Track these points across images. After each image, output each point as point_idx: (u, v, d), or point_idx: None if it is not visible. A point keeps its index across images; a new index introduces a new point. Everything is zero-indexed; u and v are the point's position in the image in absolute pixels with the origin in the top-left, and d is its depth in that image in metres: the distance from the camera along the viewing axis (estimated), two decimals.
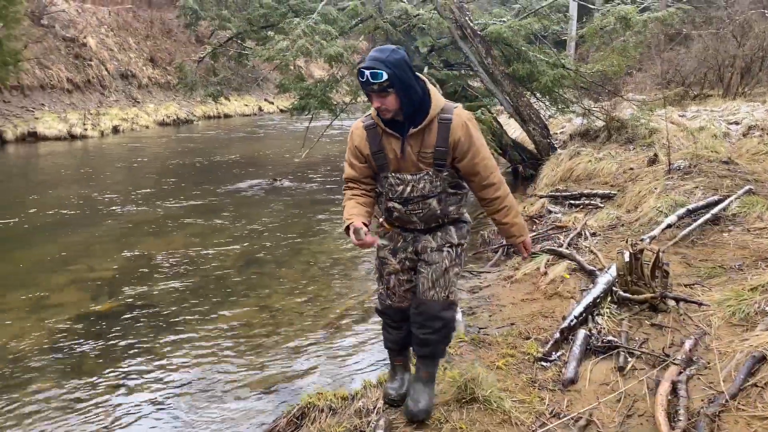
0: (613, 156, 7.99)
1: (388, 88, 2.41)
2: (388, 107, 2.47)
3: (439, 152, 2.55)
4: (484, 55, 9.07)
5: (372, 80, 2.39)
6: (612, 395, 2.98)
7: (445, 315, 2.75)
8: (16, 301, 5.00)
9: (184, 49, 24.14)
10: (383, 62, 2.40)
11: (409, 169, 2.60)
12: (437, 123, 2.53)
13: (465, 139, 2.53)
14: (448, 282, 2.72)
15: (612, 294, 3.94)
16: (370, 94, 2.46)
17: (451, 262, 2.72)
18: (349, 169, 2.73)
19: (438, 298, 2.72)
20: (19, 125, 15.03)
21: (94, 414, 3.44)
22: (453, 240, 2.72)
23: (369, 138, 2.62)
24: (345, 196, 2.74)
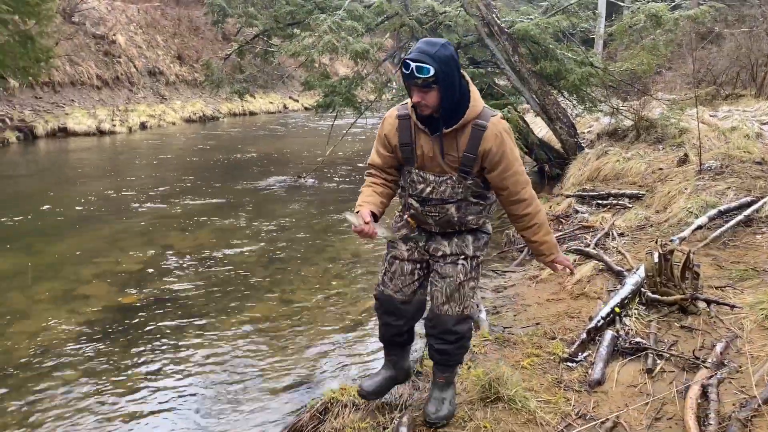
0: (641, 156, 7.86)
1: (433, 84, 2.31)
2: (428, 103, 2.37)
3: (467, 158, 2.45)
4: (510, 53, 8.99)
5: (417, 74, 2.29)
6: (640, 397, 2.93)
7: (459, 329, 2.70)
8: (45, 293, 5.09)
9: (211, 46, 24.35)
10: (431, 57, 2.30)
11: (434, 169, 2.52)
12: (471, 128, 2.43)
13: (496, 150, 2.42)
14: (462, 297, 2.65)
15: (640, 295, 3.87)
16: (411, 87, 2.37)
17: (466, 276, 2.65)
18: (374, 155, 2.67)
19: (452, 312, 2.66)
20: (49, 121, 15.30)
21: (120, 404, 3.49)
22: (468, 251, 2.64)
23: (400, 128, 2.55)
24: (365, 182, 2.68)
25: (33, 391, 3.60)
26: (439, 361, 2.79)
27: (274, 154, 13.67)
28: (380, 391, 2.90)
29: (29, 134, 14.45)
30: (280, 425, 3.22)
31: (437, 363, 2.81)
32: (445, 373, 2.81)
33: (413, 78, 2.31)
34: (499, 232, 6.85)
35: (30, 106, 15.61)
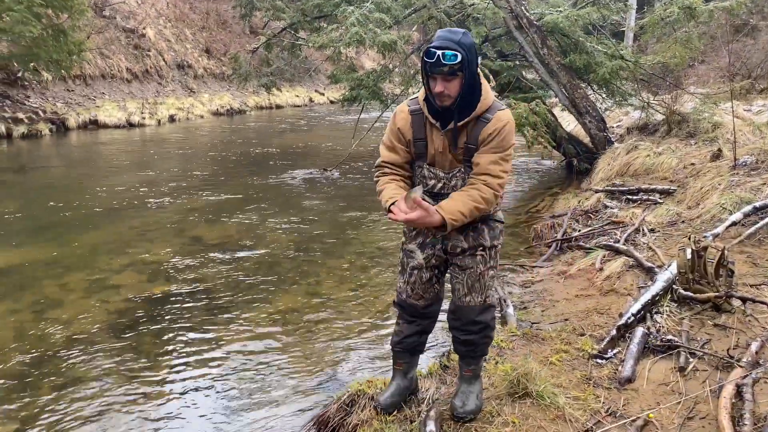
0: (673, 150, 7.72)
1: (458, 71, 2.31)
2: (451, 93, 2.36)
3: (468, 149, 2.47)
4: (539, 46, 8.88)
5: (444, 61, 2.27)
6: (672, 396, 2.88)
7: (483, 318, 2.71)
8: (77, 282, 5.19)
9: (239, 40, 24.53)
10: (457, 43, 2.30)
11: (444, 165, 2.53)
12: (476, 120, 2.44)
13: (493, 136, 2.42)
14: (483, 286, 2.67)
15: (672, 292, 3.80)
16: (435, 76, 2.33)
17: (485, 265, 2.65)
18: (387, 152, 2.63)
19: (474, 303, 2.68)
20: (81, 113, 15.57)
21: (148, 392, 3.54)
22: (486, 242, 2.63)
23: (414, 123, 2.53)
24: (381, 181, 2.63)
25: (64, 379, 3.67)
26: (464, 353, 2.80)
27: (299, 147, 13.73)
28: (397, 404, 2.87)
29: (61, 126, 14.72)
30: (307, 417, 3.24)
31: (463, 356, 2.81)
32: (471, 366, 2.81)
33: (439, 66, 2.29)
34: (526, 226, 6.81)
35: (62, 99, 15.91)
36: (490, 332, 2.78)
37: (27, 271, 5.43)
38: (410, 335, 2.85)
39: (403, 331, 2.86)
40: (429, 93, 2.43)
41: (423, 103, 2.50)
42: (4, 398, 3.45)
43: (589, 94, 9.54)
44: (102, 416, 3.31)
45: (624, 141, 8.97)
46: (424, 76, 2.40)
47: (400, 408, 2.87)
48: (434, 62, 2.30)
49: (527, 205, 8.06)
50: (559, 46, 9.37)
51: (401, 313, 2.86)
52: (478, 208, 2.44)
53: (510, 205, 8.20)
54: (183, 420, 3.29)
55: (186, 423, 3.27)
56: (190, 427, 3.24)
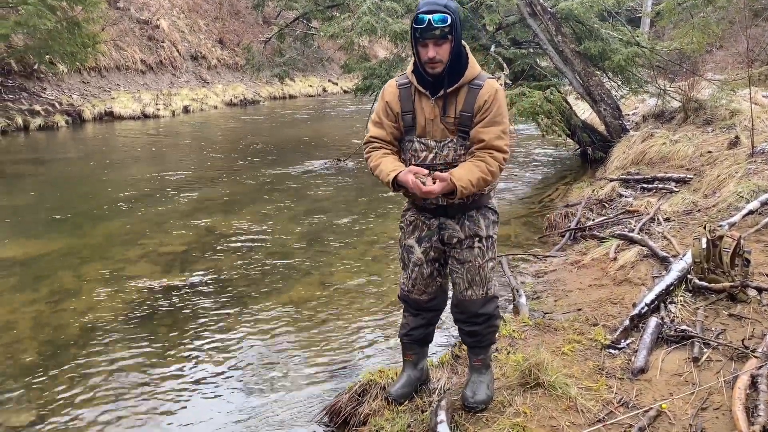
0: (689, 138, 7.61)
1: (449, 34, 2.35)
2: (443, 57, 2.38)
3: (464, 117, 2.46)
4: (554, 33, 8.78)
5: (434, 24, 2.30)
6: (685, 387, 2.86)
7: (486, 310, 2.71)
8: (92, 273, 5.25)
9: (252, 30, 24.55)
10: (445, 6, 2.33)
11: (435, 134, 2.51)
12: (468, 87, 2.45)
13: (489, 105, 2.42)
14: (484, 278, 2.66)
15: (687, 282, 3.77)
16: (426, 42, 2.35)
17: (483, 258, 2.64)
18: (374, 128, 2.63)
19: (476, 296, 2.67)
20: (96, 105, 15.70)
21: (163, 382, 3.58)
22: (482, 232, 2.61)
23: (401, 97, 2.55)
24: (373, 156, 2.59)
25: (80, 368, 3.72)
26: (471, 344, 2.80)
27: (313, 137, 13.74)
28: (408, 394, 2.89)
29: (77, 118, 14.86)
30: (319, 406, 3.26)
31: (470, 346, 2.82)
32: (480, 355, 2.81)
33: (430, 29, 2.32)
34: (540, 216, 6.77)
35: (78, 91, 16.04)
36: (495, 321, 2.79)
37: (44, 262, 5.50)
38: (416, 327, 2.86)
39: (409, 323, 2.88)
40: (419, 61, 2.43)
41: (411, 75, 2.52)
42: (22, 386, 3.51)
43: (604, 82, 9.43)
44: (117, 405, 3.35)
45: (639, 129, 8.87)
46: (414, 45, 2.42)
47: (411, 398, 2.87)
48: (425, 27, 2.32)
49: (541, 194, 8.01)
50: (573, 33, 9.26)
51: (405, 308, 2.89)
52: (485, 179, 2.43)
53: (523, 194, 8.16)
54: (196, 409, 3.33)
55: (199, 412, 3.30)
56: (202, 415, 3.27)
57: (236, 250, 5.85)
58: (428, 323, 2.87)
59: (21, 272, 5.26)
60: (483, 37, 9.71)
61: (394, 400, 2.86)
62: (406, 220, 2.75)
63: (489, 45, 9.38)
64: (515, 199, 7.90)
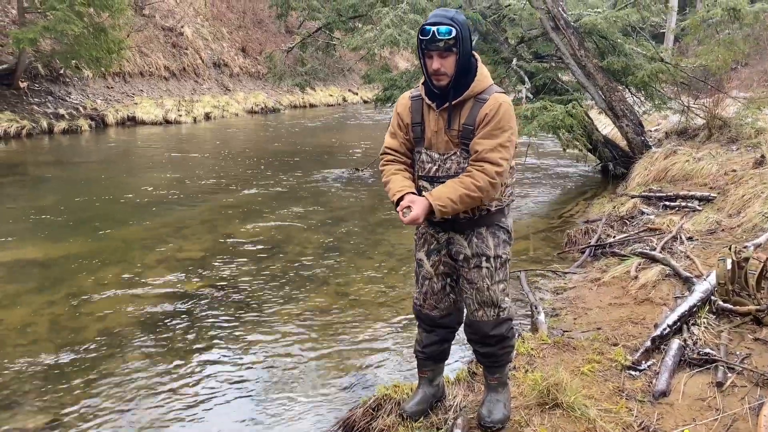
0: (713, 156, 7.50)
1: (453, 47, 2.34)
2: (447, 70, 2.38)
3: (467, 130, 2.44)
4: (576, 47, 8.73)
5: (439, 36, 2.31)
6: (709, 412, 2.78)
7: (498, 332, 2.65)
8: (111, 276, 5.28)
9: (274, 39, 24.76)
10: (451, 19, 2.34)
11: (439, 147, 2.51)
12: (473, 101, 2.44)
13: (491, 116, 2.39)
14: (494, 301, 2.61)
15: (711, 304, 3.69)
16: (431, 54, 2.36)
17: (492, 279, 2.59)
18: (389, 138, 2.67)
19: (487, 318, 2.63)
20: (119, 110, 15.91)
21: (178, 389, 3.57)
22: (489, 252, 2.56)
23: (413, 108, 2.57)
24: (386, 171, 2.63)
25: (96, 372, 3.73)
26: (486, 364, 2.77)
27: (332, 146, 13.78)
28: (423, 411, 2.85)
29: (100, 122, 15.07)
30: (333, 419, 3.23)
31: (486, 366, 2.78)
32: (496, 374, 2.77)
33: (435, 41, 2.33)
34: (559, 231, 6.70)
35: (102, 96, 16.27)
36: (509, 342, 2.73)
37: (64, 264, 5.55)
38: (430, 344, 2.83)
39: (423, 339, 2.85)
40: (425, 73, 2.44)
41: (422, 87, 2.54)
42: (39, 388, 3.53)
43: (626, 97, 9.35)
44: (131, 409, 3.35)
45: (662, 145, 8.77)
46: (421, 57, 2.42)
47: (427, 415, 2.83)
48: (429, 38, 2.33)
49: (560, 209, 7.93)
50: (596, 48, 9.20)
51: (419, 323, 2.86)
52: (470, 196, 2.38)
53: (542, 209, 8.09)
54: (209, 417, 3.31)
55: (212, 420, 3.28)
56: (215, 424, 3.25)
57: (253, 257, 5.86)
58: (442, 340, 2.83)
59: (41, 274, 5.31)
60: (505, 50, 9.69)
61: (409, 417, 2.82)
62: (418, 232, 2.75)
63: (511, 58, 9.36)
64: (534, 213, 7.84)
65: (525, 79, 8.90)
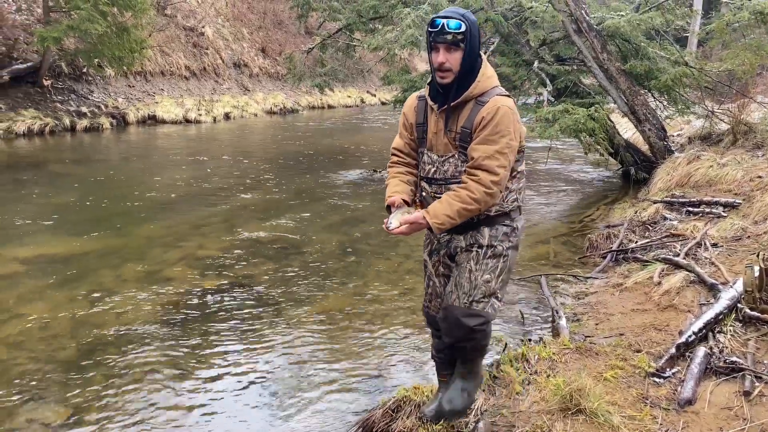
0: (738, 162, 7.39)
1: (461, 42, 2.32)
2: (453, 66, 2.34)
3: (464, 133, 2.40)
4: (599, 50, 8.64)
5: (447, 29, 2.29)
6: (736, 421, 2.72)
7: (467, 322, 2.51)
8: (132, 273, 5.31)
9: (294, 40, 24.84)
10: (462, 15, 2.33)
11: (438, 148, 2.49)
12: (473, 103, 2.39)
13: (488, 121, 2.33)
14: (472, 287, 2.50)
15: (737, 311, 3.62)
16: (438, 46, 2.33)
17: (477, 264, 2.49)
18: (397, 138, 2.69)
19: (459, 303, 2.52)
20: (140, 108, 16.05)
21: (194, 386, 3.57)
22: (483, 240, 2.50)
23: (418, 109, 2.57)
24: (389, 172, 2.68)
25: (116, 368, 3.75)
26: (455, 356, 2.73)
27: (350, 147, 13.79)
28: (441, 416, 2.81)
29: (122, 121, 15.21)
30: (352, 419, 3.21)
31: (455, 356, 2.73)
32: (465, 363, 2.71)
33: (443, 34, 2.30)
34: (580, 236, 6.63)
35: (123, 94, 16.43)
36: (478, 343, 2.61)
37: (85, 261, 5.60)
38: (442, 349, 2.81)
39: (435, 344, 2.85)
40: (431, 68, 2.42)
41: (427, 87, 2.52)
42: (60, 383, 3.55)
43: (649, 101, 9.24)
44: (150, 405, 3.36)
45: (685, 150, 8.65)
46: (428, 51, 2.40)
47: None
48: (438, 30, 2.31)
49: (581, 214, 7.85)
50: (619, 51, 9.10)
51: (428, 325, 2.87)
52: (467, 209, 2.35)
53: (563, 213, 8.01)
54: (226, 415, 3.31)
55: (230, 419, 3.28)
56: (233, 423, 3.25)
57: (272, 257, 5.86)
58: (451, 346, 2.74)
59: (63, 270, 5.36)
60: (526, 52, 9.63)
61: (428, 420, 2.80)
62: (426, 234, 2.74)
63: (532, 61, 9.29)
64: (555, 217, 7.76)
65: (546, 81, 8.82)
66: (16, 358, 3.81)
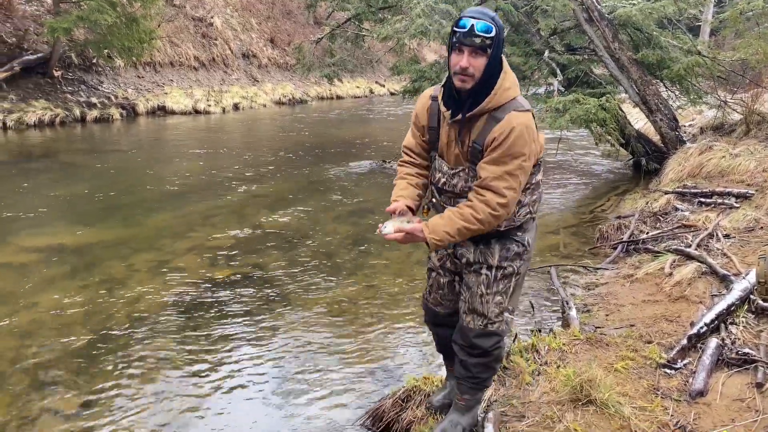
0: (751, 152, 7.30)
1: (488, 47, 2.14)
2: (476, 71, 2.16)
3: (474, 149, 2.26)
4: (610, 40, 8.55)
5: (477, 31, 2.11)
6: (748, 413, 2.71)
7: (480, 343, 2.50)
8: (142, 263, 5.34)
9: (302, 30, 24.76)
10: (492, 18, 2.15)
11: (449, 159, 2.37)
12: (487, 117, 2.23)
13: (500, 141, 2.18)
14: (485, 310, 2.46)
15: (750, 302, 3.58)
16: (463, 49, 2.15)
17: (488, 287, 2.44)
18: (408, 136, 2.55)
19: (474, 326, 2.49)
20: (150, 99, 16.07)
21: (204, 374, 3.60)
22: (492, 261, 2.42)
23: (431, 110, 2.42)
24: (398, 173, 2.55)
25: (127, 357, 3.77)
26: (460, 376, 2.63)
27: (359, 138, 13.76)
28: (449, 405, 2.82)
29: (131, 111, 15.24)
30: (361, 409, 3.22)
31: (459, 379, 2.65)
32: (465, 395, 2.64)
33: (471, 36, 2.12)
34: (591, 227, 6.59)
35: (133, 85, 16.45)
36: (490, 361, 2.56)
37: (96, 251, 5.63)
38: (440, 343, 2.82)
39: (434, 335, 2.85)
40: (450, 71, 2.24)
41: (441, 89, 2.35)
42: (72, 371, 3.58)
43: (661, 91, 9.14)
44: (160, 394, 3.38)
45: (697, 141, 8.56)
46: (449, 50, 2.23)
47: None
48: (466, 31, 2.13)
49: (591, 204, 7.81)
50: (630, 41, 9.00)
51: (425, 318, 2.84)
52: (469, 228, 2.24)
53: (573, 204, 7.97)
54: (236, 404, 3.33)
55: (239, 408, 3.30)
56: (242, 412, 3.27)
57: (281, 247, 5.87)
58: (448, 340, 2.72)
59: (74, 259, 5.39)
60: (537, 42, 9.55)
61: (435, 410, 2.81)
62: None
63: (543, 50, 9.21)
64: (565, 208, 7.73)
65: (557, 71, 8.75)
66: (29, 347, 3.85)
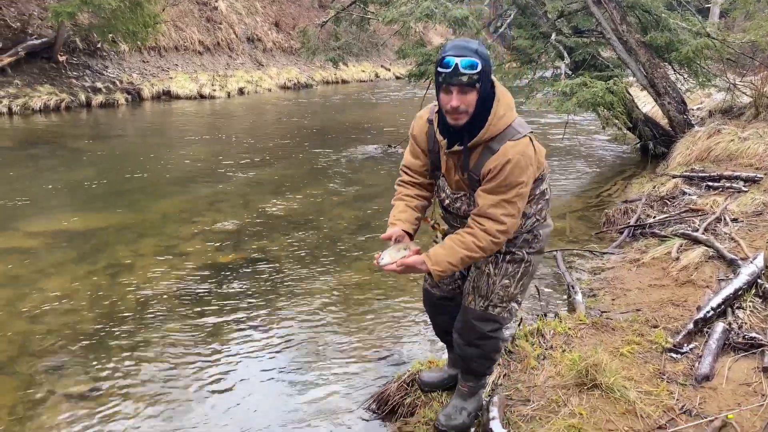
0: (760, 136, 7.23)
1: (477, 82, 2.10)
2: (468, 108, 2.14)
3: (471, 178, 2.28)
4: (618, 22, 8.45)
5: (462, 70, 2.06)
6: (754, 398, 2.70)
7: (480, 327, 2.49)
8: (148, 248, 5.36)
9: (307, 14, 24.58)
10: (475, 52, 2.09)
11: (451, 184, 2.39)
12: (483, 147, 2.23)
13: (495, 173, 2.18)
14: (489, 291, 2.45)
15: (757, 287, 3.57)
16: (450, 89, 2.12)
17: (496, 268, 2.44)
18: (407, 155, 2.53)
19: (475, 306, 2.48)
20: (155, 84, 16.03)
21: (212, 359, 3.62)
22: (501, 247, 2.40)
23: (429, 134, 2.40)
24: (397, 191, 2.55)
25: (134, 341, 3.80)
26: (462, 366, 2.66)
27: (364, 122, 13.71)
28: (438, 386, 2.89)
29: (136, 96, 15.21)
30: (367, 393, 3.23)
31: (462, 368, 2.67)
32: (469, 382, 2.66)
33: (457, 75, 2.08)
34: (597, 211, 6.57)
35: (138, 70, 16.41)
36: (490, 350, 2.56)
37: (103, 235, 5.65)
38: (436, 326, 2.88)
39: (430, 319, 2.89)
40: (440, 109, 2.25)
41: (435, 116, 2.33)
42: (79, 356, 3.61)
43: (669, 74, 9.04)
44: (166, 379, 3.40)
45: (705, 124, 8.48)
46: (437, 90, 2.20)
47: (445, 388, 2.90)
48: (451, 71, 2.09)
49: (598, 189, 7.77)
50: (639, 23, 8.90)
51: (423, 299, 2.85)
52: (471, 257, 2.28)
53: (580, 188, 7.94)
54: (242, 389, 3.35)
55: (245, 393, 3.31)
56: (249, 396, 3.28)
57: (286, 231, 5.88)
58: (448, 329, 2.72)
59: (81, 244, 5.41)
60: (544, 24, 9.44)
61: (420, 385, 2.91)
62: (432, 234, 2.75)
63: (550, 33, 9.11)
64: (571, 192, 7.69)
65: (564, 54, 8.67)
66: (37, 331, 3.87)
